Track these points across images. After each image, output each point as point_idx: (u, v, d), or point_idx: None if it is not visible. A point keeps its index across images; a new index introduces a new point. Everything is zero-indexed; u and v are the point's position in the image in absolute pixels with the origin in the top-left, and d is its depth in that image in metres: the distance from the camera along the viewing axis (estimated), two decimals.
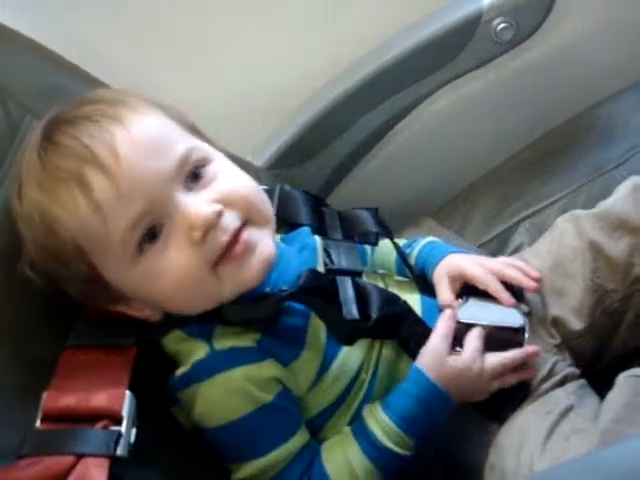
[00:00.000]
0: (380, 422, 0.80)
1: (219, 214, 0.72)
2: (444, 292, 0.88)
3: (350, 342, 0.81)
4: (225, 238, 0.73)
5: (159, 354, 0.80)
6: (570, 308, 0.90)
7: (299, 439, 0.79)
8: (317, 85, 1.20)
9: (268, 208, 0.79)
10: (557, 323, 0.90)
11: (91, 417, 0.69)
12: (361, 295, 0.83)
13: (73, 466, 0.66)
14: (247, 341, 0.77)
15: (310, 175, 1.23)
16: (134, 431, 0.70)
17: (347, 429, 0.82)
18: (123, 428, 0.69)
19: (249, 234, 0.74)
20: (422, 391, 0.80)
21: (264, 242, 0.76)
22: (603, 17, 1.18)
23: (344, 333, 0.80)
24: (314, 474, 0.79)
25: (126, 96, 0.77)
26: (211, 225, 0.72)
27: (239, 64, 1.19)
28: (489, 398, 0.84)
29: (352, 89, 1.17)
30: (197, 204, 0.73)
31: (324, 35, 1.20)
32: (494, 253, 1.10)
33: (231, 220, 0.74)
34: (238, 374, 0.76)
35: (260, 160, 1.20)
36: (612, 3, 1.18)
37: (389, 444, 0.79)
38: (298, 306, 0.80)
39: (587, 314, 0.90)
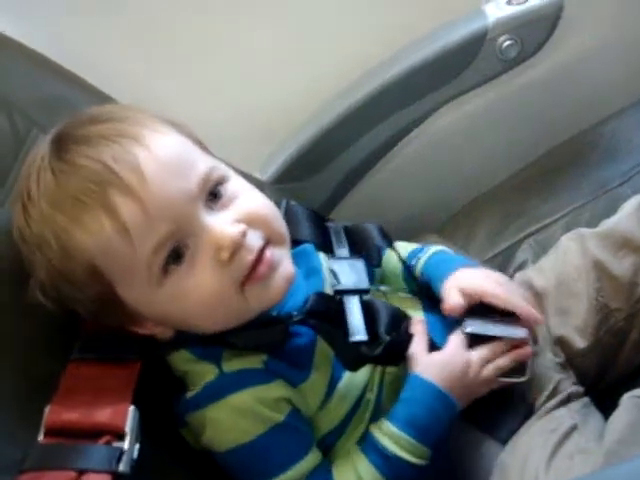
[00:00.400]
0: (385, 431, 0.79)
1: (244, 234, 0.73)
2: (454, 297, 0.86)
3: (355, 369, 0.81)
4: (251, 258, 0.73)
5: (164, 371, 0.80)
6: (574, 327, 0.90)
7: (312, 459, 0.79)
8: (322, 99, 1.20)
9: (284, 226, 0.80)
10: (561, 342, 0.90)
11: (94, 432, 0.69)
12: (369, 313, 0.83)
13: None
14: (255, 363, 0.77)
15: (315, 189, 1.23)
16: (137, 447, 0.69)
17: (355, 447, 0.82)
18: (126, 444, 0.68)
19: (272, 253, 0.75)
20: (419, 392, 0.80)
21: (285, 261, 0.77)
22: (608, 34, 1.19)
23: (350, 360, 0.80)
24: None
25: (137, 113, 0.76)
26: (238, 246, 0.72)
27: (242, 79, 1.19)
28: (492, 417, 0.84)
29: (357, 104, 1.17)
30: (222, 224, 0.73)
31: (329, 51, 1.20)
32: (498, 270, 1.07)
33: (255, 239, 0.74)
34: (248, 395, 0.76)
35: (264, 175, 1.21)
36: (617, 20, 1.19)
37: (398, 451, 0.78)
38: (304, 329, 0.79)
39: (591, 333, 0.90)
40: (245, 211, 0.75)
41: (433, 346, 0.85)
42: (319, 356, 0.80)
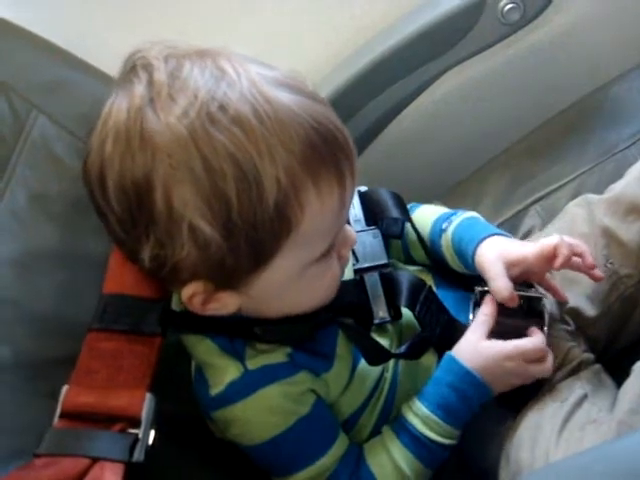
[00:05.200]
0: (418, 413, 0.80)
1: None
2: (500, 281, 0.81)
3: (378, 364, 0.81)
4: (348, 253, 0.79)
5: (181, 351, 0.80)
6: (584, 295, 0.89)
7: (341, 445, 0.79)
8: (322, 72, 1.18)
9: None
10: (571, 311, 0.90)
11: (110, 417, 0.69)
12: (390, 288, 0.83)
13: (88, 469, 0.65)
14: (280, 356, 0.77)
15: None
16: (152, 433, 0.69)
17: (387, 427, 0.82)
18: (141, 432, 0.68)
19: None
20: (456, 378, 0.79)
21: None
22: None
23: (373, 357, 0.80)
24: (361, 476, 0.79)
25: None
26: None
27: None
28: None
29: (359, 74, 1.16)
30: (349, 226, 0.78)
31: (327, 21, 1.19)
32: None
33: None
34: (274, 391, 0.75)
35: None
36: None
37: (431, 434, 0.79)
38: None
39: (601, 300, 0.89)
40: None
41: (450, 316, 0.84)
42: (341, 345, 0.80)
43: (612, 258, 0.89)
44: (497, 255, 0.82)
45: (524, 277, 0.84)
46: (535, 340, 0.81)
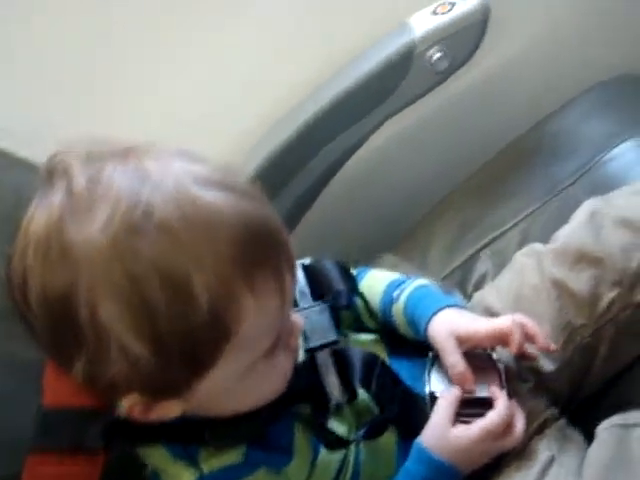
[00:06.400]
0: None
1: None
2: (454, 357, 0.80)
3: (335, 449, 0.79)
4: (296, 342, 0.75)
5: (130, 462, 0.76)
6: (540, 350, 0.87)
7: None
8: (253, 140, 1.17)
9: None
10: (530, 366, 0.87)
11: None
12: (343, 366, 0.81)
13: None
14: (235, 456, 0.73)
15: None
16: None
17: None
18: None
19: None
20: (428, 470, 0.77)
21: None
22: (539, 34, 1.17)
23: (330, 442, 0.78)
24: None
25: None
26: None
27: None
28: None
29: (291, 138, 1.14)
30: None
31: (260, 83, 1.17)
32: (458, 284, 1.09)
33: None
34: None
35: None
36: (546, 20, 1.17)
37: None
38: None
39: (559, 354, 0.87)
40: None
41: (406, 390, 0.82)
42: (299, 436, 0.77)
43: (565, 309, 0.87)
44: (449, 331, 0.81)
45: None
46: (500, 411, 0.79)
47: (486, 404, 0.80)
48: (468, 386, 0.80)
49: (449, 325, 0.82)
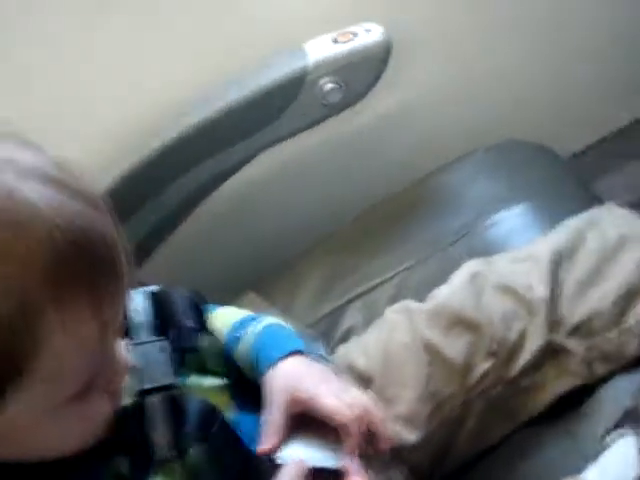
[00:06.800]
0: None
1: None
2: (276, 415, 0.72)
3: None
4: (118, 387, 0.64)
5: None
6: (400, 418, 0.80)
7: None
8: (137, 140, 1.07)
9: None
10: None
11: None
12: (177, 416, 0.70)
13: None
14: None
15: None
16: None
17: None
18: None
19: None
20: None
21: None
22: (441, 77, 1.14)
23: None
24: None
25: None
26: None
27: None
28: None
29: (163, 151, 1.04)
30: (121, 351, 0.63)
31: (136, 94, 1.08)
32: (323, 334, 1.03)
33: None
34: None
35: None
36: (452, 62, 1.12)
37: None
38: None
39: (422, 423, 0.81)
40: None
41: (248, 453, 0.72)
42: None
43: (435, 377, 0.81)
44: (286, 387, 0.72)
45: None
46: None
47: (338, 477, 0.71)
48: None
49: (290, 381, 0.73)
